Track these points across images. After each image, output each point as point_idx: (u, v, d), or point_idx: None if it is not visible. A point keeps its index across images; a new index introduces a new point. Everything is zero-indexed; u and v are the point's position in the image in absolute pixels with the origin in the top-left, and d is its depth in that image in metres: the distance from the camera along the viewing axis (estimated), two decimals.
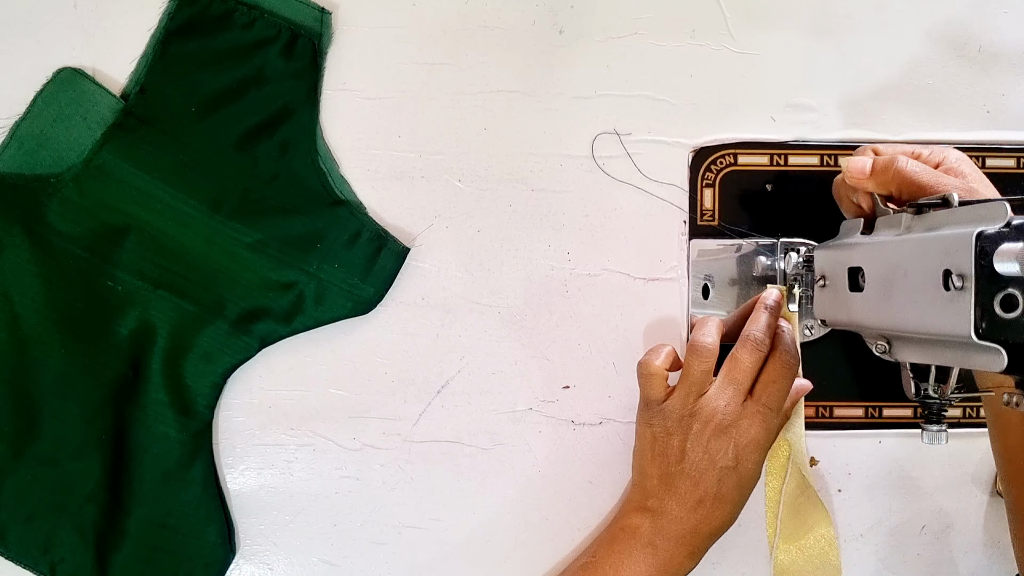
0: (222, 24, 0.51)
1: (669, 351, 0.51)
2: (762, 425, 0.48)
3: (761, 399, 0.48)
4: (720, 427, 0.47)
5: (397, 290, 0.54)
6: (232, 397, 0.54)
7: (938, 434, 0.47)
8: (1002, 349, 0.37)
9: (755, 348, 0.49)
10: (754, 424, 0.47)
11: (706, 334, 0.49)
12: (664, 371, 0.50)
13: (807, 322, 0.54)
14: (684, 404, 0.48)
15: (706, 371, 0.48)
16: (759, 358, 0.49)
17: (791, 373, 0.49)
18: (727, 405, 0.48)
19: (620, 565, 0.48)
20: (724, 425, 0.47)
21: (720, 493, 0.47)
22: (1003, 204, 0.38)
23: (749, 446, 0.47)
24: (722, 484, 0.47)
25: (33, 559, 0.52)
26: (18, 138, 0.51)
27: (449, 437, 0.55)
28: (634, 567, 0.48)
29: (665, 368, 0.50)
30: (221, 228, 0.51)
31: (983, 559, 0.57)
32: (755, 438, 0.47)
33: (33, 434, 0.51)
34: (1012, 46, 0.57)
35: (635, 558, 0.48)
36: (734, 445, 0.47)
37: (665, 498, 0.48)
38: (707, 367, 0.48)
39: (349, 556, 0.55)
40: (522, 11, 0.55)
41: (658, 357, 0.50)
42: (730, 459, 0.47)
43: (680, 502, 0.48)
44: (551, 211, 0.55)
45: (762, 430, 0.48)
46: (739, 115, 0.56)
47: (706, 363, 0.49)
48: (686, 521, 0.48)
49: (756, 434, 0.47)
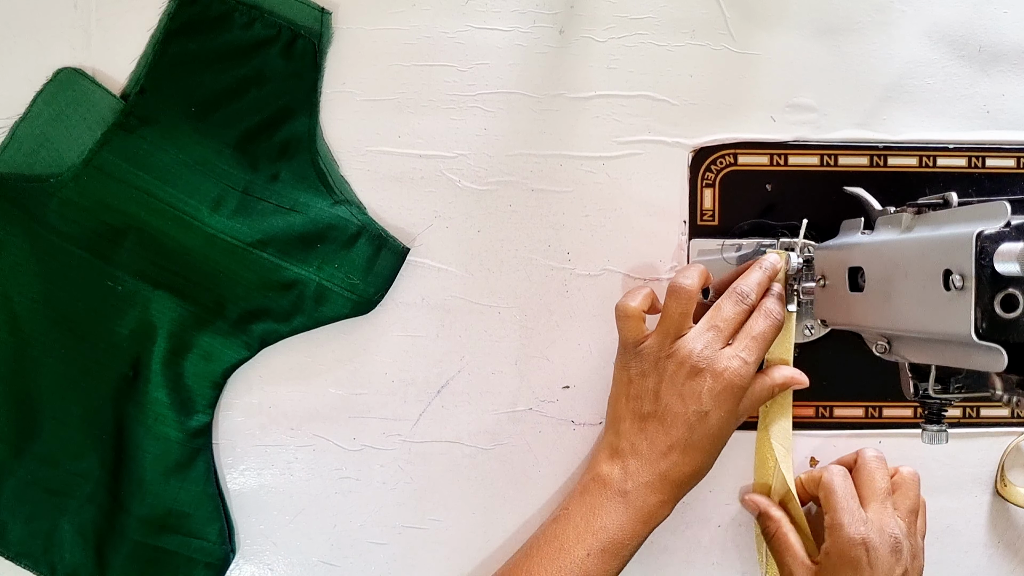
0: (222, 24, 0.51)
1: (647, 292, 0.51)
2: (737, 372, 0.47)
3: (739, 347, 0.48)
4: (695, 369, 0.47)
5: (397, 290, 0.54)
6: (232, 397, 0.54)
7: (938, 434, 0.47)
8: (1002, 349, 0.37)
9: (740, 300, 0.49)
10: (729, 370, 0.47)
11: (686, 276, 0.49)
12: (641, 312, 0.50)
13: (807, 322, 0.54)
14: (661, 346, 0.48)
15: (684, 313, 0.48)
16: (743, 311, 0.49)
17: (773, 329, 0.49)
18: (704, 349, 0.47)
19: (592, 515, 0.48)
20: (699, 368, 0.47)
21: (691, 440, 0.47)
22: (1003, 204, 0.38)
23: (723, 393, 0.47)
24: (693, 431, 0.47)
25: (33, 559, 0.52)
26: (18, 138, 0.51)
27: (449, 437, 0.55)
28: (607, 516, 0.48)
29: (642, 310, 0.50)
30: (221, 228, 0.51)
31: (983, 559, 0.57)
32: (729, 383, 0.47)
33: (33, 434, 0.51)
34: (1012, 46, 0.57)
35: (607, 507, 0.48)
36: (708, 389, 0.47)
37: (636, 440, 0.48)
38: (685, 309, 0.48)
39: (349, 556, 0.55)
40: (522, 11, 0.55)
41: (635, 299, 0.50)
42: (703, 404, 0.47)
43: (651, 445, 0.48)
44: (551, 211, 0.55)
45: (737, 377, 0.47)
46: (739, 115, 0.56)
47: (684, 305, 0.48)
48: (656, 465, 0.48)
49: (731, 379, 0.47)
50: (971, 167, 0.56)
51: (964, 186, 0.56)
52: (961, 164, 0.56)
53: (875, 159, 0.56)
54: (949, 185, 0.56)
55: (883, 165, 0.56)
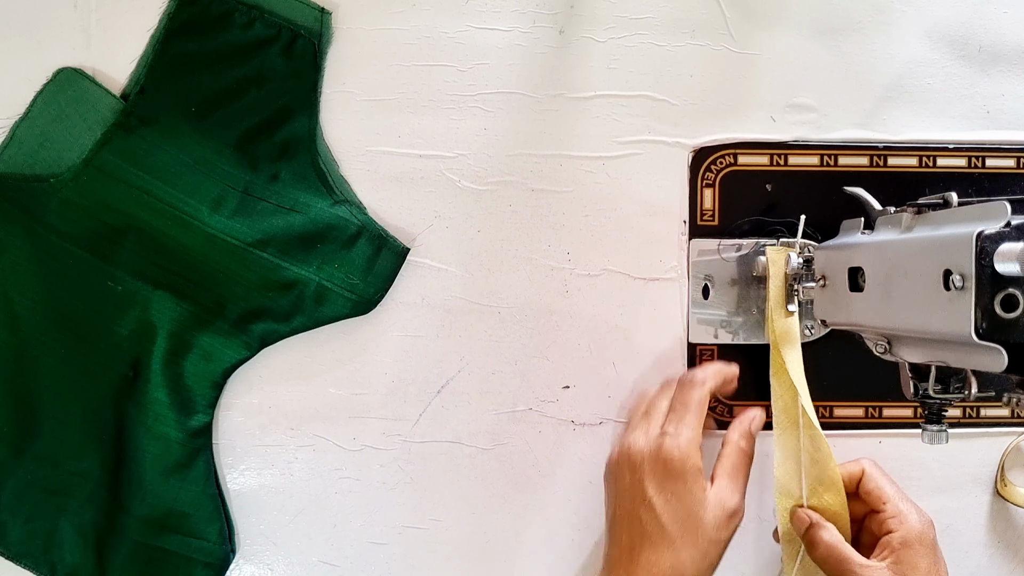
0: (222, 24, 0.51)
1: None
2: (666, 449, 0.47)
3: (667, 424, 0.48)
4: (631, 464, 0.48)
5: (397, 290, 0.54)
6: (232, 397, 0.54)
7: (938, 434, 0.47)
8: (1002, 349, 0.37)
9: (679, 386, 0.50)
10: (664, 449, 0.47)
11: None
12: None
13: (807, 322, 0.54)
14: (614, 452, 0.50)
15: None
16: (664, 394, 0.50)
17: (702, 395, 0.49)
18: (644, 442, 0.48)
19: None
20: (633, 462, 0.48)
21: (648, 534, 0.46)
22: (1003, 204, 0.38)
23: (662, 476, 0.46)
24: (645, 524, 0.46)
25: (33, 559, 0.52)
26: (18, 138, 0.51)
27: (449, 437, 0.55)
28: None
29: None
30: (221, 228, 0.51)
31: (983, 559, 0.57)
32: (664, 464, 0.46)
33: (33, 434, 0.51)
34: (1012, 46, 0.57)
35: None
36: (645, 478, 0.47)
37: (609, 551, 0.48)
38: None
39: (349, 556, 0.55)
40: (522, 11, 0.55)
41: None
42: (645, 494, 0.46)
43: (619, 551, 0.47)
44: (551, 211, 0.55)
45: (677, 451, 0.46)
46: (739, 115, 0.56)
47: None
48: (632, 570, 0.46)
49: (664, 459, 0.46)
50: (971, 167, 0.56)
51: (964, 186, 0.56)
52: (961, 164, 0.56)
53: (875, 159, 0.56)
54: (949, 185, 0.56)
55: (883, 165, 0.56)
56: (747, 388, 0.56)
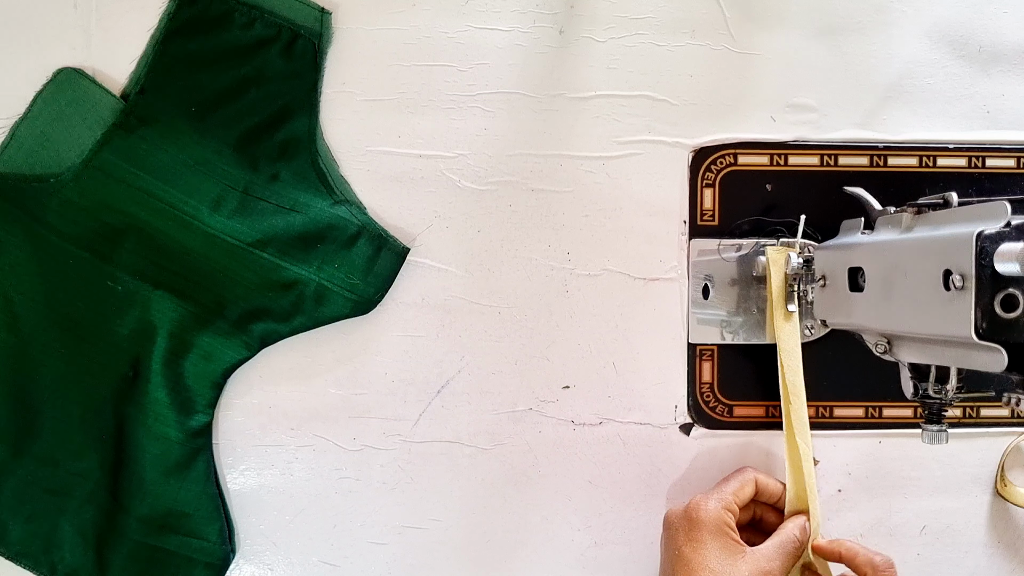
0: (222, 24, 0.51)
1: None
2: (697, 505, 0.49)
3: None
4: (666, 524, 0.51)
5: (397, 290, 0.54)
6: (232, 397, 0.54)
7: (938, 434, 0.47)
8: (1002, 349, 0.37)
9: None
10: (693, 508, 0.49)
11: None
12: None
13: (807, 322, 0.54)
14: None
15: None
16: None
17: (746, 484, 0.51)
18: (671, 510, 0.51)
19: None
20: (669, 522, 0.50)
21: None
22: (1003, 204, 0.38)
23: (692, 531, 0.49)
24: (675, 571, 0.48)
25: (33, 559, 0.52)
26: (18, 138, 0.51)
27: (449, 437, 0.55)
28: None
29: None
30: (221, 228, 0.51)
31: (983, 559, 0.57)
32: (694, 520, 0.49)
33: (33, 434, 0.51)
34: (1012, 46, 0.57)
35: None
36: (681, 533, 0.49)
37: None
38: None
39: (349, 556, 0.55)
40: (522, 11, 0.55)
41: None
42: (677, 546, 0.49)
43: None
44: (551, 211, 0.55)
45: (698, 509, 0.49)
46: (739, 115, 0.56)
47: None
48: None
49: (692, 515, 0.49)
50: (971, 167, 0.56)
51: (964, 186, 0.56)
52: (961, 164, 0.56)
53: (875, 159, 0.56)
54: (949, 185, 0.56)
55: (883, 165, 0.56)
56: (748, 388, 0.56)
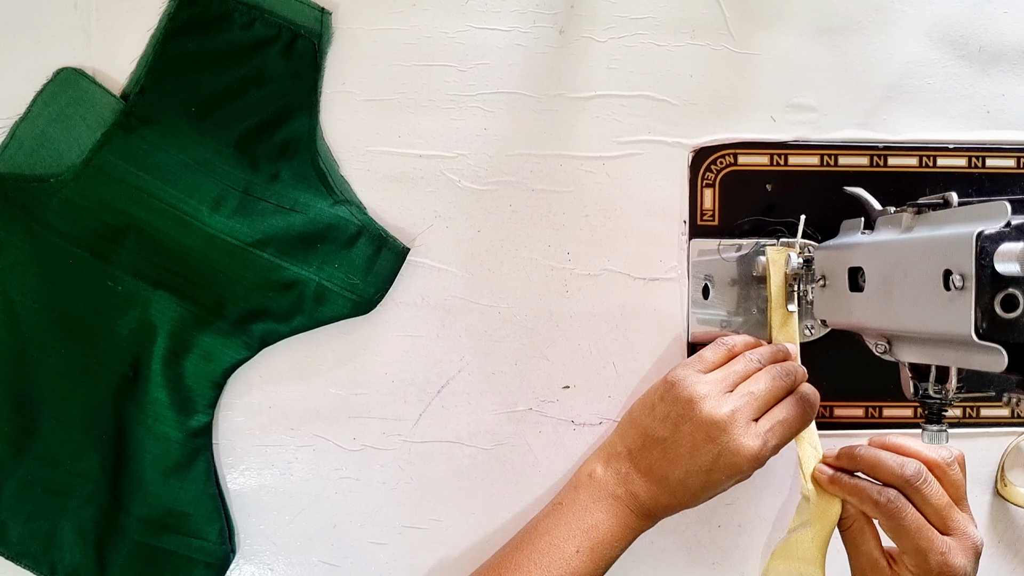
0: (222, 24, 0.51)
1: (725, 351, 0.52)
2: (752, 454, 0.47)
3: (764, 431, 0.48)
4: (718, 430, 0.47)
5: (397, 290, 0.54)
6: (232, 397, 0.54)
7: (938, 434, 0.47)
8: (1002, 349, 0.37)
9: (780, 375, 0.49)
10: (745, 448, 0.47)
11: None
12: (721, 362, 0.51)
13: (807, 322, 0.54)
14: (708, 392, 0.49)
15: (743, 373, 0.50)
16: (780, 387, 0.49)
17: (804, 421, 0.49)
18: (733, 413, 0.47)
19: (585, 513, 0.49)
20: (720, 432, 0.47)
21: (684, 482, 0.48)
22: (1003, 204, 0.38)
23: (728, 468, 0.47)
24: (688, 477, 0.48)
25: (33, 559, 0.52)
26: (18, 138, 0.51)
27: (449, 437, 0.55)
28: (598, 515, 0.49)
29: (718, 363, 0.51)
30: (221, 228, 0.51)
31: (983, 559, 0.57)
32: (738, 465, 0.47)
33: (33, 434, 0.51)
34: (1012, 46, 0.57)
35: (599, 507, 0.49)
36: (717, 455, 0.47)
37: (637, 454, 0.50)
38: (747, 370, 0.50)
39: (349, 556, 0.55)
40: (522, 11, 0.55)
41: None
42: (706, 463, 0.47)
43: (648, 466, 0.49)
44: (551, 211, 0.55)
45: (747, 461, 0.47)
46: (739, 115, 0.56)
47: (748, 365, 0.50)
48: (647, 486, 0.49)
49: (740, 463, 0.47)
50: (971, 167, 0.56)
51: (964, 186, 0.56)
52: (961, 164, 0.56)
53: (875, 159, 0.56)
54: (949, 185, 0.56)
55: (883, 165, 0.56)
56: None
